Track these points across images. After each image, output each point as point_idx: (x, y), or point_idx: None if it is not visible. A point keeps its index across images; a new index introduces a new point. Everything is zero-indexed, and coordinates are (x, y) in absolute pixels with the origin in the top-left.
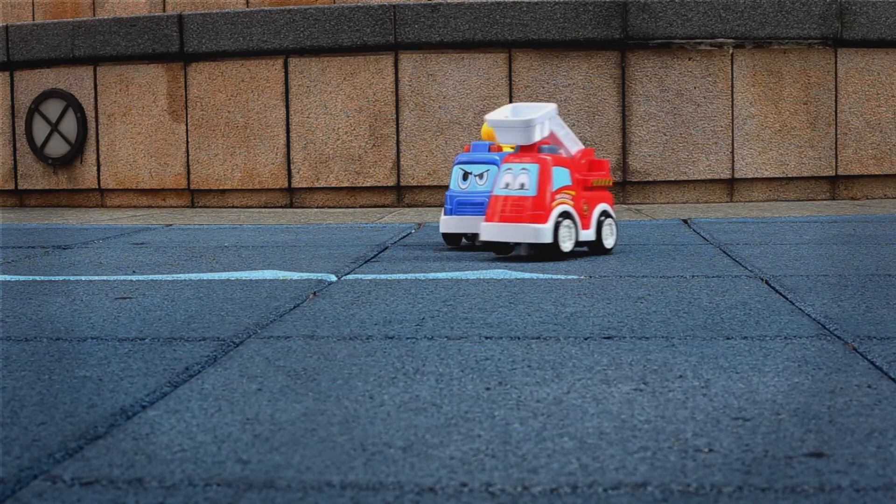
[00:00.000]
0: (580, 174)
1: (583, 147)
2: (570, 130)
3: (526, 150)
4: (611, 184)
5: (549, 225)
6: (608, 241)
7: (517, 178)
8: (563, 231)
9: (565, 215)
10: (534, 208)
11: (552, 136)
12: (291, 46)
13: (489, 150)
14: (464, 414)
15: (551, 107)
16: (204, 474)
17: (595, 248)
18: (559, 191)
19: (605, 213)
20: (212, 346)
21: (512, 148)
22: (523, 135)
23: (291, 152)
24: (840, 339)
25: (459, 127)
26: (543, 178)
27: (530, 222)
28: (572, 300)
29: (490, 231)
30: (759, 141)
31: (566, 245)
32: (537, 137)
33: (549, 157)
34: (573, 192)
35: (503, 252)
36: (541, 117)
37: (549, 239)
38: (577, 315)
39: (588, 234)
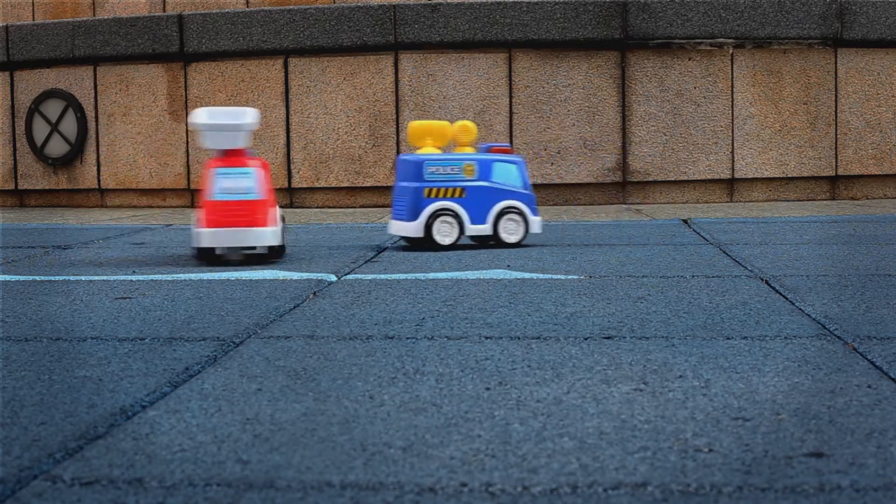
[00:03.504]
0: None
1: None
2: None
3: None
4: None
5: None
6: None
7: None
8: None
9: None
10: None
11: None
12: (291, 46)
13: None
14: (464, 414)
15: (253, 112)
16: (204, 474)
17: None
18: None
19: None
20: (212, 346)
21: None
22: (237, 138)
23: (291, 152)
24: (840, 339)
25: None
26: (265, 182)
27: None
28: (572, 300)
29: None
30: (759, 141)
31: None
32: (241, 144)
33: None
34: None
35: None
36: (253, 123)
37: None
38: (577, 315)
39: None
